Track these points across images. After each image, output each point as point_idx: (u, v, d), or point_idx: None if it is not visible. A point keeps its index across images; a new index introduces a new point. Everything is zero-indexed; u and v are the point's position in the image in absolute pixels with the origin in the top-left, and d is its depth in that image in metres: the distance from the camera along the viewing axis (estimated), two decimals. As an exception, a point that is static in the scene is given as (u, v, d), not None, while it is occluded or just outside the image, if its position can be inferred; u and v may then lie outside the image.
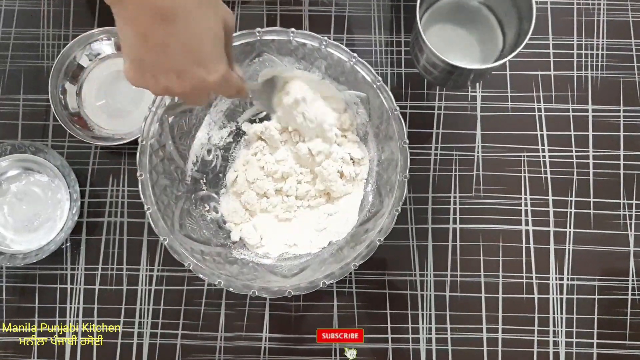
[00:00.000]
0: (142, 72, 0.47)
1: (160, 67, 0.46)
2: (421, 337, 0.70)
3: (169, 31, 0.45)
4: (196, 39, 0.46)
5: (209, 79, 0.47)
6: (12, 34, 0.76)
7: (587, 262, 0.71)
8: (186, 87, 0.47)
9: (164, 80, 0.47)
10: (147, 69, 0.46)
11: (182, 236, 0.63)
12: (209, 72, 0.47)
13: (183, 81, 0.47)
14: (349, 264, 0.61)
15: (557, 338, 0.70)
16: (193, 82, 0.47)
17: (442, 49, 0.58)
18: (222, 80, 0.48)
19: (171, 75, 0.46)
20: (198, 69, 0.46)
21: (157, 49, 0.45)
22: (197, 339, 0.71)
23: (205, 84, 0.47)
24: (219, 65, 0.48)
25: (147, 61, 0.46)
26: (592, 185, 0.73)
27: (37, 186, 0.72)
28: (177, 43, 0.45)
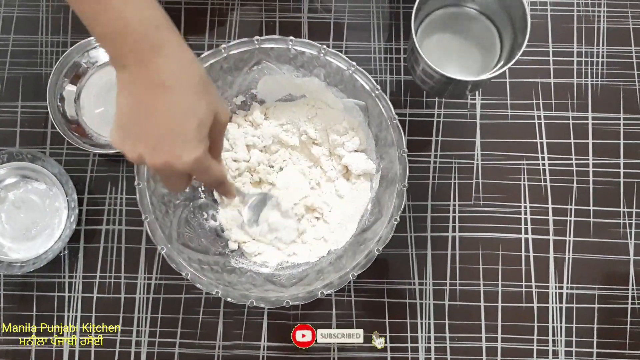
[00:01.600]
0: (124, 137, 0.47)
1: (141, 134, 0.47)
2: (420, 346, 0.70)
3: (159, 102, 0.46)
4: (181, 117, 0.46)
5: (183, 158, 0.47)
6: (11, 41, 0.76)
7: (586, 270, 0.71)
8: (159, 160, 0.47)
9: (141, 148, 0.47)
10: (129, 134, 0.47)
11: (180, 245, 0.63)
12: (183, 151, 0.47)
13: (157, 153, 0.47)
14: (348, 273, 0.60)
15: (556, 347, 0.70)
16: (166, 157, 0.47)
17: (440, 58, 0.58)
18: (196, 163, 0.48)
19: (148, 144, 0.47)
20: (174, 146, 0.46)
21: (142, 117, 0.46)
22: (195, 347, 0.70)
23: (177, 163, 0.47)
24: (196, 149, 0.47)
25: (131, 127, 0.47)
26: (592, 193, 0.72)
27: (35, 194, 0.72)
28: (163, 115, 0.46)
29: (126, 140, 0.47)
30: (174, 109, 0.46)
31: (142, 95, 0.46)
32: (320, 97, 0.69)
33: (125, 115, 0.47)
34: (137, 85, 0.46)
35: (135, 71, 0.46)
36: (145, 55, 0.45)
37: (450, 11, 0.65)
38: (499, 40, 0.64)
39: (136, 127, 0.47)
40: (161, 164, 0.47)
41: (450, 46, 0.65)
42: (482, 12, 0.65)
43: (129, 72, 0.46)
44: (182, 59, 0.47)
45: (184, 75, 0.47)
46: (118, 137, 0.48)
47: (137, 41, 0.45)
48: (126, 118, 0.47)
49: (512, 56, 0.57)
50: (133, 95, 0.46)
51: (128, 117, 0.47)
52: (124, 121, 0.47)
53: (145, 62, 0.45)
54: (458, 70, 0.63)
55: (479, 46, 0.64)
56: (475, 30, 0.65)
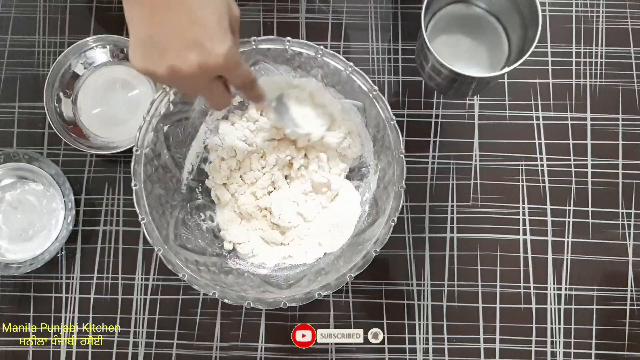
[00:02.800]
0: (148, 52, 0.45)
1: (167, 41, 0.45)
2: (418, 347, 0.70)
3: (177, 3, 0.44)
4: (202, 12, 0.45)
5: (216, 50, 0.45)
6: (8, 41, 0.76)
7: (585, 272, 0.71)
8: (193, 63, 0.45)
9: (171, 57, 0.45)
10: (154, 46, 0.45)
11: (177, 246, 0.63)
12: (214, 44, 0.45)
13: (190, 55, 0.45)
14: (345, 274, 0.60)
15: (555, 349, 0.70)
16: (200, 57, 0.45)
17: (447, 56, 0.57)
18: (230, 55, 0.46)
19: (178, 50, 0.45)
20: (205, 41, 0.45)
21: (164, 23, 0.44)
22: (192, 348, 0.70)
23: (212, 59, 0.45)
24: (225, 39, 0.46)
25: (154, 37, 0.45)
26: (590, 194, 0.72)
27: (31, 195, 0.72)
28: (185, 15, 0.44)
29: (152, 56, 0.45)
30: (192, 6, 0.44)
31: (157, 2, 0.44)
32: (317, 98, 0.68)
33: (141, 27, 0.45)
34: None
35: None
36: None
37: (458, 10, 0.65)
38: (507, 40, 0.64)
39: (159, 36, 0.45)
40: (197, 65, 0.45)
41: (458, 45, 0.64)
42: (489, 10, 0.64)
43: None
44: None
45: None
46: (141, 56, 0.46)
47: None
48: (143, 29, 0.45)
49: (524, 52, 0.57)
50: (145, 4, 0.44)
51: (145, 28, 0.45)
52: (143, 36, 0.45)
53: None
54: (467, 67, 0.63)
55: (487, 45, 0.64)
56: (482, 29, 0.64)
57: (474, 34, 0.65)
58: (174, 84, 0.52)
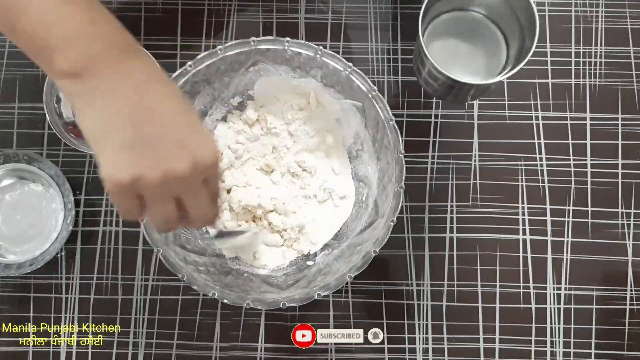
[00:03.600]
0: (135, 156, 0.39)
1: (160, 144, 0.39)
2: (418, 347, 0.70)
3: (159, 102, 0.40)
4: (187, 110, 0.42)
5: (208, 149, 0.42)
6: (7, 42, 0.76)
7: (585, 271, 0.71)
8: (186, 163, 0.40)
9: (163, 157, 0.39)
10: (141, 149, 0.39)
11: (177, 247, 0.63)
12: (205, 143, 0.42)
13: (183, 157, 0.40)
14: (345, 274, 0.60)
15: (554, 348, 0.70)
16: (193, 158, 0.40)
17: (445, 62, 0.57)
18: (217, 155, 0.43)
19: (171, 150, 0.40)
20: (196, 141, 0.41)
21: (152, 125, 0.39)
22: (192, 348, 0.70)
23: (206, 158, 0.41)
24: (212, 141, 0.43)
25: (142, 137, 0.39)
26: (590, 194, 0.72)
27: (31, 196, 0.72)
28: (171, 116, 0.40)
29: (139, 161, 0.39)
30: (176, 103, 0.41)
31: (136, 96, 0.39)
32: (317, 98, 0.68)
33: (122, 130, 0.39)
34: (123, 87, 0.39)
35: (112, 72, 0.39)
36: (122, 53, 0.40)
37: (456, 15, 0.65)
38: (505, 45, 0.64)
39: (147, 136, 0.39)
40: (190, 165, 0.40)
41: (456, 50, 0.64)
42: (488, 16, 0.64)
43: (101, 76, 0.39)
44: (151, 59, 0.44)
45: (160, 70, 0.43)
46: (129, 162, 0.39)
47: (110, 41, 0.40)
48: (126, 133, 0.39)
49: (520, 59, 0.57)
50: (120, 101, 0.39)
51: (128, 130, 0.39)
52: (125, 139, 0.39)
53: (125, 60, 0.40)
54: (463, 75, 0.63)
55: (485, 51, 0.64)
56: (481, 35, 0.64)
57: (472, 39, 0.65)
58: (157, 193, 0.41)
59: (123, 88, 0.39)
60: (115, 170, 0.39)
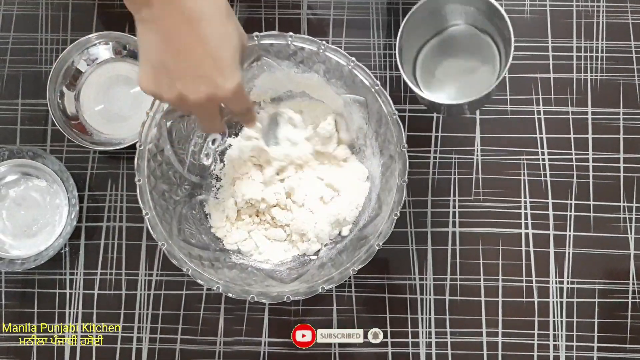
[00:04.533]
0: (159, 77, 0.46)
1: (179, 70, 0.46)
2: (421, 341, 0.70)
3: (193, 34, 0.45)
4: (218, 46, 0.46)
5: (226, 85, 0.47)
6: (11, 39, 0.76)
7: (587, 265, 0.71)
8: (201, 94, 0.46)
9: (180, 85, 0.46)
10: (165, 73, 0.46)
11: (181, 241, 0.63)
12: (226, 79, 0.46)
13: (199, 87, 0.46)
14: (348, 268, 0.60)
15: (557, 342, 0.70)
16: (209, 90, 0.46)
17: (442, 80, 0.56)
18: (238, 89, 0.47)
19: (188, 80, 0.46)
20: (216, 76, 0.46)
21: (178, 52, 0.45)
22: (196, 343, 0.70)
23: (220, 92, 0.47)
24: (236, 75, 0.47)
25: (167, 64, 0.46)
26: (592, 188, 0.73)
27: (35, 191, 0.72)
28: (200, 47, 0.45)
29: (162, 81, 0.46)
30: (209, 38, 0.45)
31: (173, 29, 0.45)
32: (319, 93, 0.69)
33: (155, 52, 0.46)
34: (166, 19, 0.45)
35: (161, 5, 0.45)
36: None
37: (442, 37, 0.62)
38: (497, 50, 0.61)
39: (172, 64, 0.46)
40: (205, 97, 0.46)
41: (452, 67, 0.62)
42: (473, 25, 0.62)
43: (154, 10, 0.45)
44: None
45: (211, 3, 0.46)
46: (151, 80, 0.47)
47: None
48: (157, 55, 0.46)
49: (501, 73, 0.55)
50: (162, 31, 0.45)
51: (159, 54, 0.46)
52: (155, 61, 0.46)
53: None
54: (463, 88, 0.61)
55: (480, 59, 0.62)
56: (472, 44, 0.62)
57: (465, 51, 0.62)
58: (177, 107, 0.53)
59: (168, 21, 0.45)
60: (141, 80, 0.48)
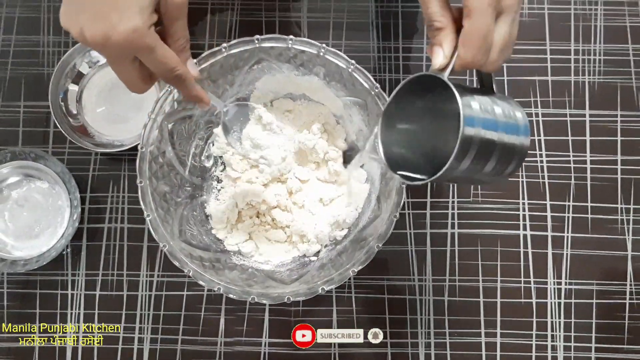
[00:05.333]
0: (69, 10, 0.46)
1: (83, 4, 0.45)
2: (420, 341, 0.71)
3: None
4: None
5: (119, 27, 0.44)
6: (13, 41, 0.76)
7: (585, 266, 0.72)
8: (97, 32, 0.44)
9: (82, 20, 0.45)
10: (74, 7, 0.46)
11: (182, 242, 0.63)
12: (121, 20, 0.44)
13: (94, 24, 0.44)
14: (348, 269, 0.61)
15: (555, 342, 0.71)
16: (103, 29, 0.44)
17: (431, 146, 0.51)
18: (135, 35, 0.45)
19: (88, 15, 0.45)
20: (112, 13, 0.44)
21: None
22: (197, 344, 0.71)
23: (114, 34, 0.44)
24: (133, 18, 0.45)
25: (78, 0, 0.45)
26: (589, 189, 0.73)
27: (37, 193, 0.72)
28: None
29: (70, 15, 0.46)
30: None
31: None
32: (319, 95, 0.69)
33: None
34: None
35: None
36: None
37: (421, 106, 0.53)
38: None
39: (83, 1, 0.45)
40: (100, 36, 0.44)
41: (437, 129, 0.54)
42: None
43: None
44: None
45: None
46: (64, 14, 0.46)
47: None
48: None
49: None
50: None
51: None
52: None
53: None
54: None
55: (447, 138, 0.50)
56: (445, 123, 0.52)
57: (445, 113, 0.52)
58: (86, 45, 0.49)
59: None
60: (60, 14, 0.46)
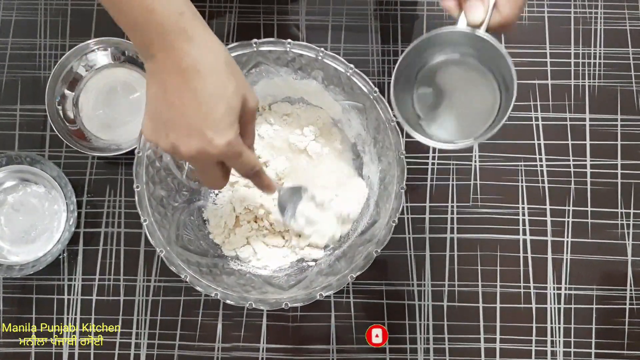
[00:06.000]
0: (157, 126, 0.48)
1: (173, 122, 0.47)
2: (419, 347, 0.70)
3: (188, 88, 0.46)
4: (210, 100, 0.46)
5: (215, 141, 0.47)
6: (9, 44, 0.76)
7: (584, 271, 0.71)
8: (192, 147, 0.47)
9: (173, 137, 0.47)
10: (160, 124, 0.48)
11: (179, 248, 0.63)
12: (215, 134, 0.46)
13: (190, 141, 0.47)
14: (347, 275, 0.61)
15: (555, 348, 0.70)
16: (199, 144, 0.47)
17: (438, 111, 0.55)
18: (228, 147, 0.47)
19: (181, 132, 0.47)
20: (207, 131, 0.46)
21: (173, 104, 0.46)
22: (194, 349, 0.70)
23: (210, 147, 0.47)
24: (227, 131, 0.47)
25: (163, 115, 0.47)
26: (589, 194, 0.73)
27: (33, 197, 0.72)
28: (193, 101, 0.46)
29: (159, 131, 0.48)
30: (202, 92, 0.46)
31: (170, 81, 0.46)
32: (318, 99, 0.69)
33: (155, 105, 0.48)
34: (165, 72, 0.46)
35: (163, 58, 0.46)
36: (171, 41, 0.45)
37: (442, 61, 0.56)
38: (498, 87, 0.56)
39: (167, 115, 0.47)
40: (195, 151, 0.47)
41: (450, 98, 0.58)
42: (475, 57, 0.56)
43: (156, 61, 0.46)
44: (208, 42, 0.47)
45: (210, 58, 0.47)
46: (150, 129, 0.48)
47: (162, 28, 0.45)
48: (156, 108, 0.48)
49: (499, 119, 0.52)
50: (161, 83, 0.47)
51: (158, 106, 0.47)
52: (154, 111, 0.48)
53: (171, 48, 0.46)
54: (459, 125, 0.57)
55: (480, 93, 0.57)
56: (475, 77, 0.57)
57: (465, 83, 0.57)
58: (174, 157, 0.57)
59: (167, 74, 0.46)
60: (143, 127, 0.49)
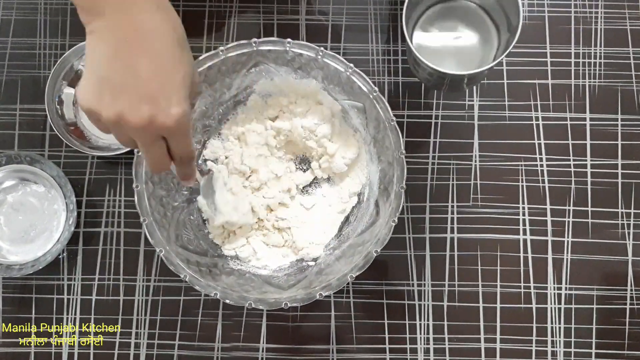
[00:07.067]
0: (101, 91, 0.43)
1: (123, 86, 0.43)
2: (419, 347, 0.70)
3: (144, 49, 0.43)
4: (169, 67, 0.44)
5: (170, 110, 0.43)
6: (9, 44, 0.76)
7: (585, 271, 0.71)
8: (143, 115, 0.43)
9: (121, 103, 0.43)
10: (109, 87, 0.43)
11: (179, 247, 0.63)
12: (171, 104, 0.43)
13: (141, 107, 0.43)
14: (346, 275, 0.60)
15: (555, 348, 0.70)
16: (151, 112, 0.43)
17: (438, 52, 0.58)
18: (182, 119, 0.44)
19: (133, 98, 0.43)
20: (162, 98, 0.43)
21: (127, 66, 0.43)
22: (194, 349, 0.70)
23: (163, 117, 0.43)
24: (182, 102, 0.44)
25: (112, 78, 0.43)
26: (590, 194, 0.73)
27: (33, 197, 0.72)
28: (150, 65, 0.43)
29: (102, 97, 0.43)
30: (161, 58, 0.43)
31: (124, 43, 0.42)
32: (318, 98, 0.69)
33: (101, 66, 0.43)
34: (118, 32, 0.42)
35: (115, 17, 0.42)
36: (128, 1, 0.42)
37: (448, 5, 0.65)
38: (497, 33, 0.64)
39: (116, 79, 0.42)
40: (147, 120, 0.43)
41: (449, 40, 0.65)
42: (479, 4, 0.65)
43: (107, 19, 0.42)
44: (171, 12, 0.45)
45: (169, 25, 0.44)
46: (91, 93, 0.43)
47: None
48: (104, 69, 0.42)
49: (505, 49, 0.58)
50: (112, 44, 0.42)
51: (105, 68, 0.42)
52: (100, 74, 0.43)
53: (127, 8, 0.42)
54: (457, 64, 0.63)
55: (478, 39, 0.64)
56: (473, 23, 0.65)
57: (465, 28, 0.65)
58: (114, 130, 0.46)
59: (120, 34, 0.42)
60: (82, 92, 0.44)
